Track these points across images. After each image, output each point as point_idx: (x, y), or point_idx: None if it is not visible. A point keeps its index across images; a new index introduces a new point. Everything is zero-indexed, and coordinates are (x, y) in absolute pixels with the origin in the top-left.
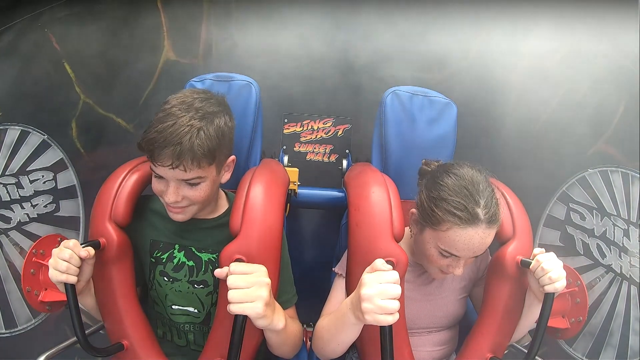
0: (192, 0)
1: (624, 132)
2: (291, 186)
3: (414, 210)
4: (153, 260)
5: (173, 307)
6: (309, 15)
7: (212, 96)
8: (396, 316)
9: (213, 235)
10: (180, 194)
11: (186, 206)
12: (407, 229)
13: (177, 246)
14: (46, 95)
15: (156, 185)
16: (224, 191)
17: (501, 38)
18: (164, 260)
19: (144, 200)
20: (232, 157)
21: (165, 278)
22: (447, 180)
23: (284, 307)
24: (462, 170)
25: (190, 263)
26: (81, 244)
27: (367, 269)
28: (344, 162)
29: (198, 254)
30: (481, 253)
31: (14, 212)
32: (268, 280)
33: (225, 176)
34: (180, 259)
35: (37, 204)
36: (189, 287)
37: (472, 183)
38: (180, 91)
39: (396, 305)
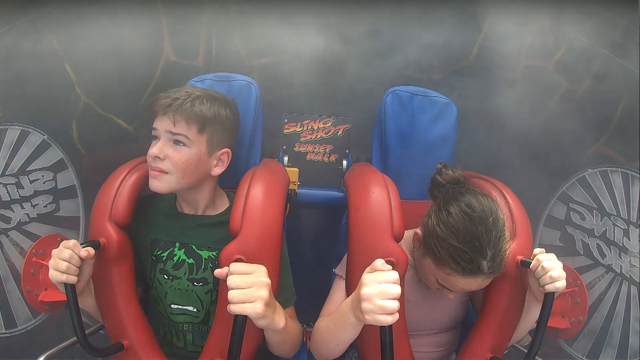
0: (192, 1)
1: (624, 132)
2: (291, 186)
3: (418, 231)
4: (154, 258)
5: (172, 306)
6: (309, 14)
7: (223, 95)
8: (396, 316)
9: (213, 232)
10: (164, 151)
11: (165, 172)
12: (407, 232)
13: (177, 244)
14: (46, 96)
15: (150, 149)
16: (224, 191)
17: (501, 38)
18: (164, 259)
19: (144, 200)
20: (227, 150)
21: (165, 276)
22: (458, 220)
23: (283, 307)
24: (476, 206)
25: (190, 261)
26: (81, 244)
27: (367, 269)
28: (344, 162)
29: (198, 251)
30: None
31: (14, 212)
32: (268, 281)
33: (217, 169)
34: (180, 256)
35: (37, 204)
36: (188, 285)
37: (486, 231)
38: None
39: (396, 305)
